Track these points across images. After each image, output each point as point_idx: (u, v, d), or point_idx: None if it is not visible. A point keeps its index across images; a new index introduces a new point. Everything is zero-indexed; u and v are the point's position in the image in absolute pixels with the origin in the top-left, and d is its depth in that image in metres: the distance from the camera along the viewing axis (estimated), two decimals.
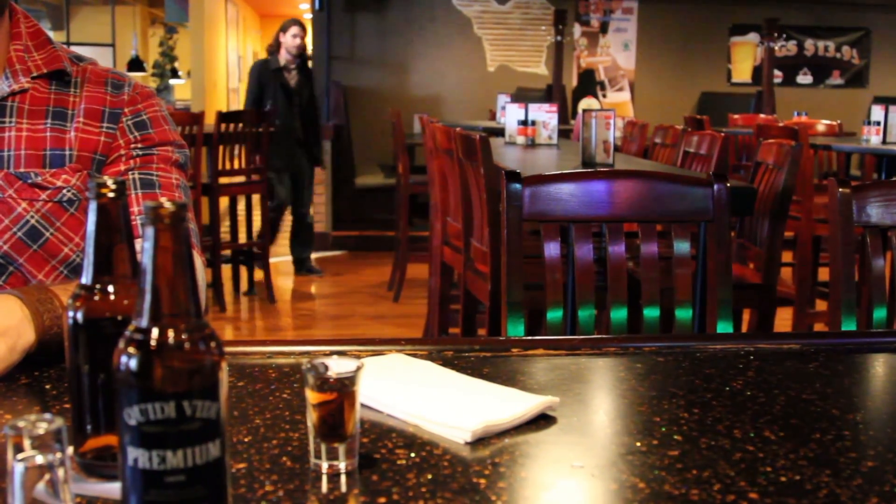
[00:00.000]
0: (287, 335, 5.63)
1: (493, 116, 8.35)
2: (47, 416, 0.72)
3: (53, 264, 1.50)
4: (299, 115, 6.75)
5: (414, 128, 7.71)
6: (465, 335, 3.76)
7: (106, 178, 0.89)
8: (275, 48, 6.73)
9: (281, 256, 7.65)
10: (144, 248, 0.73)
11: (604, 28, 9.96)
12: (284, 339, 1.78)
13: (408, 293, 6.35)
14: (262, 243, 6.25)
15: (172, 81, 15.47)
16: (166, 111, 1.63)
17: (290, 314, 6.17)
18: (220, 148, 5.79)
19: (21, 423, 0.70)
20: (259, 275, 6.44)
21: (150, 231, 0.73)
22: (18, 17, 1.58)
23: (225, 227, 6.82)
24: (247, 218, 6.40)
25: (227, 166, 5.91)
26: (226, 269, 6.39)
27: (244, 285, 6.60)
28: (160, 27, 16.22)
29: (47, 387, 1.21)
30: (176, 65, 15.59)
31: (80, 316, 0.91)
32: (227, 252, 6.35)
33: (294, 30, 6.63)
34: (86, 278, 0.91)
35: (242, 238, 6.60)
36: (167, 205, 0.73)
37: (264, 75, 6.69)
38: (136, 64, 12.66)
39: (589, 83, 10.01)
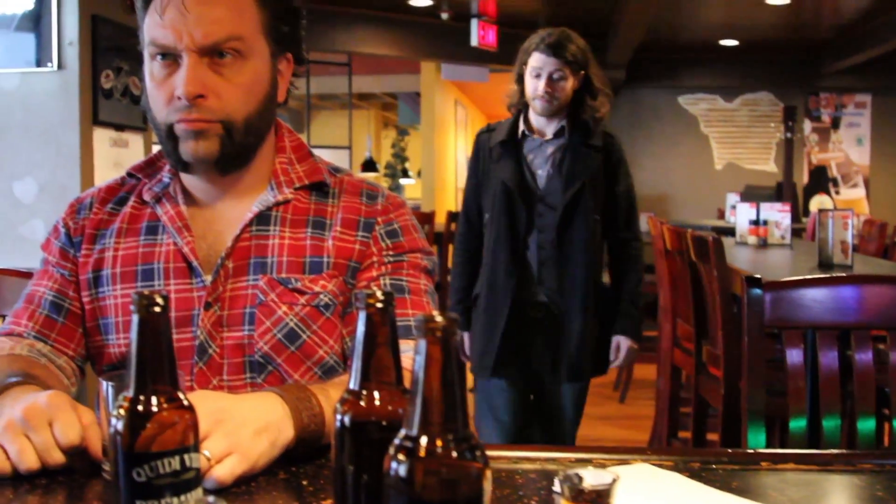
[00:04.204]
0: None
1: (721, 215, 8.23)
2: None
3: (308, 365, 1.56)
4: (557, 248, 3.26)
5: (641, 227, 7.66)
6: (695, 440, 3.67)
7: (375, 289, 0.94)
8: (516, 106, 3.33)
9: None
10: (417, 360, 0.77)
11: (835, 123, 9.71)
12: (530, 445, 1.80)
13: (634, 394, 6.27)
14: None
15: (403, 181, 16.06)
16: (415, 220, 1.70)
17: None
18: (449, 247, 5.95)
19: None
20: None
21: (422, 344, 0.77)
22: (283, 132, 1.70)
23: None
24: None
25: None
26: None
27: (470, 383, 6.67)
28: (392, 129, 16.97)
29: (304, 482, 1.25)
30: (407, 165, 16.19)
31: (347, 419, 0.95)
32: None
33: (536, 58, 3.18)
34: (353, 383, 0.96)
35: None
36: (439, 319, 0.77)
37: (481, 155, 3.39)
38: (369, 165, 13.21)
39: (820, 180, 9.74)
